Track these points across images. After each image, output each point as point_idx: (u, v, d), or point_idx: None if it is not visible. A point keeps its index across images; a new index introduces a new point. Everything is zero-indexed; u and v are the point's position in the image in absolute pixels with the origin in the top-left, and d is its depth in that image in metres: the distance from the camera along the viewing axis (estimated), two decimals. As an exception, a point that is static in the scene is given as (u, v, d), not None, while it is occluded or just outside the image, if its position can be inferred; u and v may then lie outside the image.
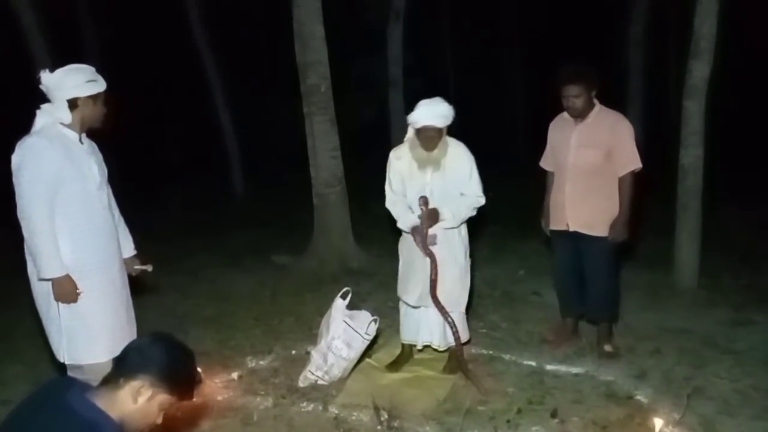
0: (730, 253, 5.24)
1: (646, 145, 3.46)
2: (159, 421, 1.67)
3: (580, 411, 2.92)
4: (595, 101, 3.44)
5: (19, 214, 2.44)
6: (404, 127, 3.20)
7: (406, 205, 3.31)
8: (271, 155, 11.28)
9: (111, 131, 2.70)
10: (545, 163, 3.74)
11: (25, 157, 2.41)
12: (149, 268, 2.93)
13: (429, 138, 3.14)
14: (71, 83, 2.49)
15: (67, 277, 2.46)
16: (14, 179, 2.43)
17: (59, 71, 2.52)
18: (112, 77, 2.65)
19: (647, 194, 3.52)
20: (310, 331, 3.99)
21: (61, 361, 2.59)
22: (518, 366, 3.47)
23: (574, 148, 3.45)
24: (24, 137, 2.47)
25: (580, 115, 3.43)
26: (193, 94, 10.63)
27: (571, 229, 3.52)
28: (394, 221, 3.40)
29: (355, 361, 3.35)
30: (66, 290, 2.46)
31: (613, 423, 2.80)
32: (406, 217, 3.29)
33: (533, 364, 3.48)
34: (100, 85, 2.56)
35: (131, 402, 1.58)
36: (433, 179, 3.23)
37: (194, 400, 1.97)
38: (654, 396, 3.05)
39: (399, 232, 3.44)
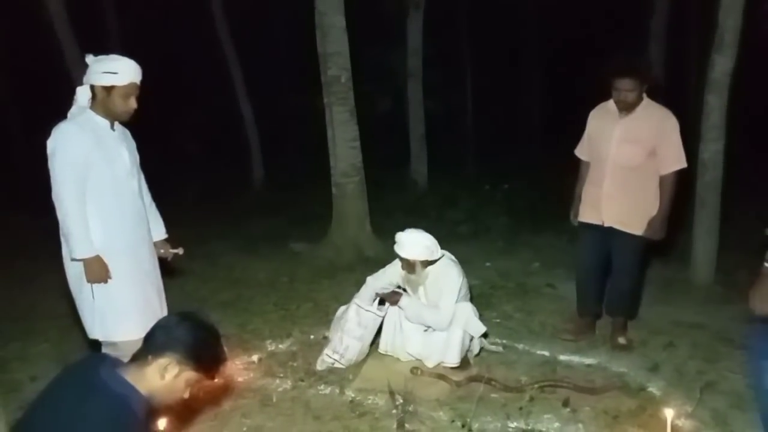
0: (746, 249, 5.18)
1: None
2: (186, 396, 1.75)
3: (591, 401, 2.96)
4: (643, 95, 3.34)
5: (53, 197, 2.53)
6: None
7: (373, 293, 3.46)
8: (289, 145, 11.35)
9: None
10: (581, 152, 3.62)
11: (57, 142, 2.49)
12: (180, 251, 3.01)
13: (404, 261, 3.28)
14: (92, 70, 2.55)
15: (98, 257, 2.54)
16: (49, 164, 2.51)
17: (93, 57, 2.58)
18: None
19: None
20: (326, 316, 4.05)
21: (94, 338, 2.68)
22: (531, 355, 3.51)
23: (617, 142, 3.33)
24: (58, 123, 2.55)
25: (628, 109, 3.34)
26: (212, 83, 10.71)
27: (606, 225, 3.44)
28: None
29: (370, 342, 3.45)
30: (96, 270, 2.54)
31: (624, 414, 2.83)
32: (365, 297, 3.45)
33: (546, 353, 3.52)
34: (118, 79, 2.51)
35: (159, 378, 1.66)
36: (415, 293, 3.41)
37: (216, 380, 2.05)
38: (666, 389, 3.08)
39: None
